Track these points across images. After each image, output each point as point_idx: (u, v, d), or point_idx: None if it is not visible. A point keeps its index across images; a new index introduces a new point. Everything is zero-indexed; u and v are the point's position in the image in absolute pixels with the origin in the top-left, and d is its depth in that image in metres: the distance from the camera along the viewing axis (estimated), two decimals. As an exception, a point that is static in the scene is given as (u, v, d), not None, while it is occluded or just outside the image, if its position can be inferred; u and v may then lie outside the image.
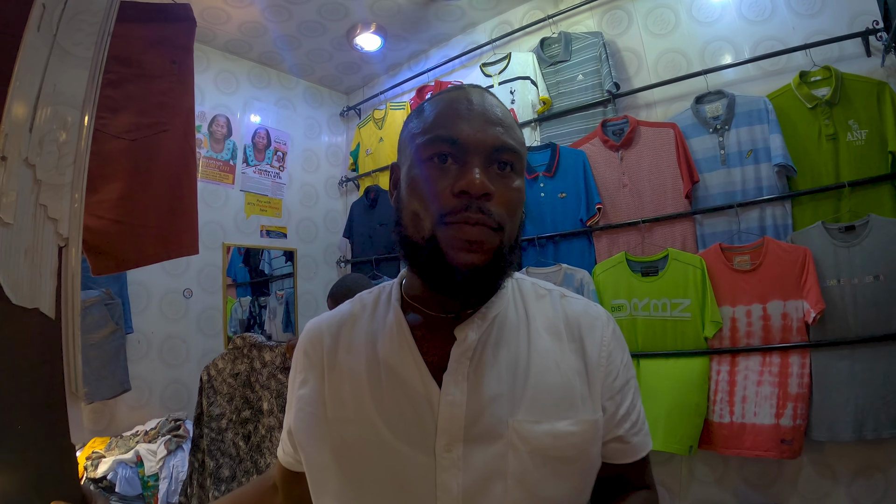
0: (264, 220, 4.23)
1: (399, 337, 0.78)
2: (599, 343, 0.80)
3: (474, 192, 0.67)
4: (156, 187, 1.50)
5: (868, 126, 2.32)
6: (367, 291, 0.92)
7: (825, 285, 2.29)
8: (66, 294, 0.93)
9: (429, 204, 0.70)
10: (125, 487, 2.71)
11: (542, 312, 0.83)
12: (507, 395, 0.73)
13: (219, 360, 2.39)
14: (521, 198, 0.74)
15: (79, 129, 0.99)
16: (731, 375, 2.47)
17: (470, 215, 0.68)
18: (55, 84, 0.97)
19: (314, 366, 0.84)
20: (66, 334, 0.93)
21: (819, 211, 2.43)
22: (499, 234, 0.70)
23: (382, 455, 0.72)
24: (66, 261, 0.94)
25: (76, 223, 0.96)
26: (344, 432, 0.76)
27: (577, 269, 2.86)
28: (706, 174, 2.68)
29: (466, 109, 0.73)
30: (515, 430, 0.71)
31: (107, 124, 1.33)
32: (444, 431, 0.70)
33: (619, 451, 0.80)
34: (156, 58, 1.50)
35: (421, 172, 0.72)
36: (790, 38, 2.58)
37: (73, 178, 0.97)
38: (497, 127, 0.72)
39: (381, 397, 0.75)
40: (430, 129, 0.73)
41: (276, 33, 3.82)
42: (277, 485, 0.98)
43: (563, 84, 3.19)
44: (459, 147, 0.70)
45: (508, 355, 0.76)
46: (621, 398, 0.79)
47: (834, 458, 2.36)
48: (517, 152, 0.73)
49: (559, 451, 0.71)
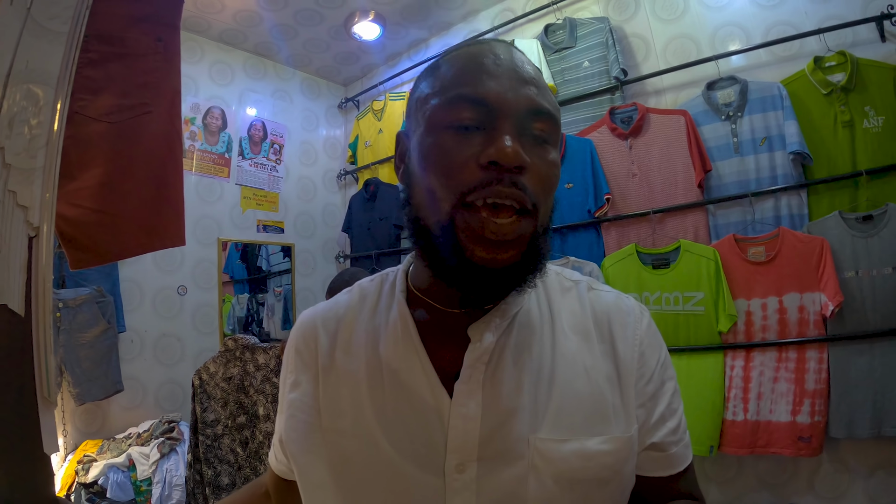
0: (261, 214, 4.18)
1: (404, 337, 0.68)
2: (632, 341, 0.70)
3: (507, 162, 0.55)
4: (138, 173, 1.41)
5: (885, 112, 2.25)
6: (369, 279, 0.81)
7: (843, 277, 2.23)
8: (36, 289, 0.86)
9: (448, 179, 0.59)
10: (117, 493, 2.65)
11: (568, 308, 0.72)
12: (528, 407, 0.63)
13: (210, 363, 2.33)
14: (557, 174, 0.63)
15: (52, 110, 0.93)
16: (746, 371, 2.41)
17: (501, 189, 0.56)
18: (28, 61, 0.90)
19: (307, 367, 0.74)
20: (37, 333, 0.86)
21: (836, 200, 2.37)
22: (532, 220, 0.59)
23: (385, 475, 0.63)
24: (37, 252, 0.87)
25: (48, 211, 0.90)
26: (341, 446, 0.66)
27: (586, 262, 2.79)
28: (719, 162, 2.61)
29: (494, 65, 0.61)
30: (538, 450, 0.61)
31: (86, 106, 1.24)
32: (456, 449, 0.61)
33: (654, 461, 0.68)
34: (140, 35, 1.41)
35: (438, 140, 0.60)
36: (803, 22, 2.51)
37: (46, 163, 0.90)
38: (531, 86, 0.60)
39: (383, 407, 0.66)
40: (451, 87, 0.61)
41: (272, 22, 3.74)
42: (270, 493, 0.89)
43: (569, 71, 3.11)
44: (487, 109, 0.59)
45: (530, 361, 0.66)
46: (654, 403, 0.68)
47: (851, 455, 2.32)
48: (553, 118, 0.62)
49: (589, 473, 0.61)
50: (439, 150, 0.60)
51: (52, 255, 0.91)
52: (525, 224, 0.58)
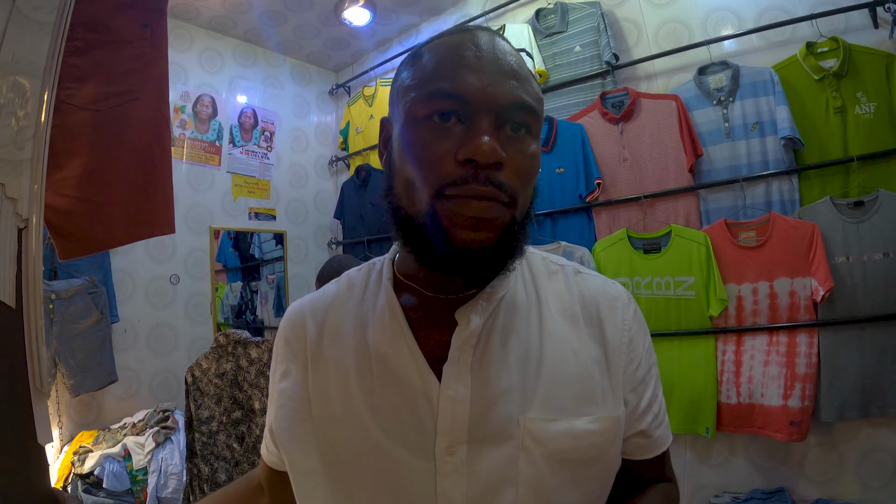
0: (252, 202, 4.16)
1: (392, 322, 0.69)
2: (620, 327, 0.71)
3: (483, 160, 0.56)
4: (126, 161, 1.40)
5: (877, 99, 2.26)
6: (356, 269, 0.82)
7: (834, 262, 2.25)
8: (27, 280, 0.86)
9: (427, 173, 0.59)
10: (113, 482, 2.66)
11: (555, 292, 0.73)
12: (517, 389, 0.64)
13: (202, 359, 2.33)
14: (536, 166, 0.64)
15: (39, 101, 0.92)
16: (738, 355, 2.43)
17: (477, 187, 0.57)
18: (14, 52, 0.90)
19: (297, 356, 0.75)
20: (28, 325, 0.86)
21: (827, 186, 2.38)
22: (510, 210, 0.60)
23: (375, 459, 0.64)
24: (27, 244, 0.87)
25: (37, 203, 0.90)
26: (331, 433, 0.67)
27: (577, 247, 2.81)
28: (710, 147, 2.62)
29: (474, 57, 0.60)
30: (528, 430, 0.62)
31: (72, 95, 1.23)
32: (446, 432, 0.62)
33: (642, 447, 0.72)
34: (126, 21, 1.39)
35: (417, 134, 0.61)
36: (795, 8, 2.50)
37: (34, 154, 0.90)
38: (511, 80, 0.60)
39: (372, 393, 0.66)
40: (430, 80, 0.61)
41: (262, 9, 3.71)
42: (263, 485, 0.89)
43: (560, 56, 3.10)
44: (465, 104, 0.59)
45: (518, 343, 0.67)
46: (644, 389, 0.71)
47: (842, 439, 2.34)
48: (534, 111, 0.62)
49: (578, 452, 0.63)
50: (418, 144, 0.60)
51: (42, 247, 0.91)
52: (501, 210, 0.59)
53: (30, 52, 0.92)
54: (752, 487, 2.50)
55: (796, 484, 2.43)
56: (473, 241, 0.58)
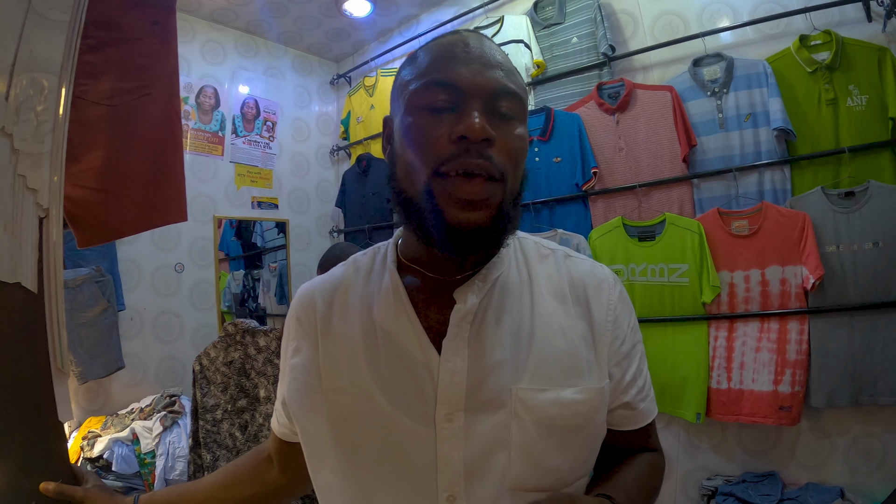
0: (255, 191, 4.20)
1: (395, 301, 0.75)
2: (606, 306, 0.77)
3: (474, 136, 0.62)
4: (139, 153, 1.46)
5: (869, 91, 2.30)
6: (362, 253, 0.88)
7: (824, 251, 2.30)
8: (48, 267, 0.92)
9: (424, 153, 0.65)
10: (122, 465, 2.71)
11: (545, 274, 0.79)
12: (510, 361, 0.70)
13: (210, 348, 2.35)
14: (524, 146, 0.69)
15: (57, 96, 0.96)
16: (729, 342, 2.49)
17: (469, 161, 0.63)
18: (31, 50, 0.93)
19: (307, 333, 0.81)
20: (49, 309, 0.91)
21: (818, 176, 2.42)
22: (501, 186, 0.65)
23: (380, 426, 0.70)
24: (48, 233, 0.92)
25: (57, 193, 0.94)
26: (340, 403, 0.73)
27: (574, 235, 2.86)
28: (704, 138, 2.66)
29: (464, 52, 0.68)
30: (519, 399, 0.68)
31: (86, 91, 1.28)
32: (445, 400, 0.68)
33: (627, 418, 0.78)
34: (136, 19, 1.44)
35: (416, 120, 0.67)
36: (790, 1, 2.53)
37: (53, 147, 0.94)
38: (497, 70, 0.67)
39: (377, 365, 0.72)
40: (425, 73, 0.68)
41: (263, 1, 3.73)
42: (272, 457, 0.95)
43: (558, 47, 3.13)
44: (457, 92, 0.65)
45: (511, 320, 0.73)
46: (628, 363, 0.77)
47: (831, 424, 2.39)
48: (519, 97, 0.69)
49: (565, 420, 0.69)
50: (417, 129, 0.66)
51: (62, 235, 0.96)
52: (494, 188, 0.64)
53: (46, 50, 0.95)
54: (743, 471, 2.55)
55: (787, 468, 2.49)
56: (466, 221, 0.63)
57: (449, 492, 0.66)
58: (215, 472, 0.99)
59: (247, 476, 0.97)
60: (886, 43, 2.29)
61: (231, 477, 0.97)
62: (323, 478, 0.75)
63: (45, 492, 0.85)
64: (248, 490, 0.95)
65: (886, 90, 2.24)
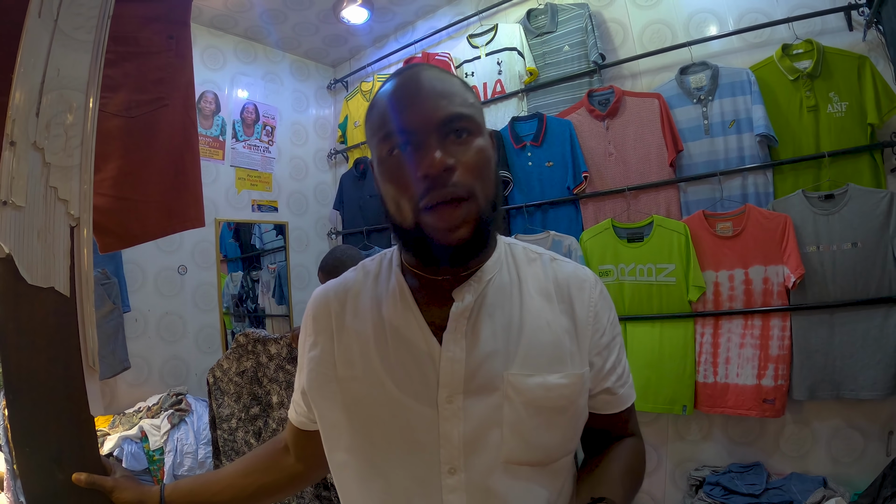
0: (255, 194, 4.25)
1: (402, 300, 0.84)
2: (587, 304, 0.86)
3: (434, 172, 0.70)
4: (158, 162, 1.52)
5: (848, 98, 2.37)
6: (370, 259, 0.97)
7: (805, 251, 2.37)
8: (79, 272, 0.96)
9: (402, 195, 0.74)
10: (131, 462, 2.77)
11: (533, 275, 0.88)
12: (502, 351, 0.79)
13: (223, 360, 2.40)
14: (485, 157, 0.77)
15: (84, 112, 1.01)
16: (715, 338, 2.57)
17: (438, 193, 0.71)
18: (59, 68, 0.99)
19: (324, 329, 0.89)
20: (80, 311, 0.96)
21: (799, 180, 2.50)
22: (473, 202, 0.73)
23: (390, 409, 0.79)
24: (78, 240, 0.97)
25: (86, 203, 0.99)
26: (353, 389, 0.82)
27: (565, 236, 2.94)
28: (690, 143, 2.74)
29: (407, 95, 0.76)
30: (510, 383, 0.77)
31: (107, 103, 1.32)
32: (446, 385, 0.77)
33: (608, 402, 0.87)
34: (153, 34, 1.50)
35: (387, 168, 0.76)
36: (774, 10, 2.60)
37: (81, 160, 0.99)
38: (441, 100, 0.74)
39: (387, 356, 0.81)
40: (382, 125, 0.76)
41: (262, 7, 3.79)
42: (289, 446, 1.04)
43: (550, 55, 3.21)
44: (410, 133, 0.73)
45: (503, 315, 0.82)
46: (608, 353, 0.86)
47: (814, 417, 2.47)
48: (467, 116, 0.76)
49: (550, 401, 0.77)
50: (390, 176, 0.76)
51: (92, 242, 1.02)
52: (467, 207, 0.73)
53: (73, 68, 1.00)
54: (730, 462, 2.63)
55: (771, 458, 2.57)
56: (452, 240, 0.73)
57: (450, 464, 0.75)
58: (236, 462, 1.07)
59: (265, 464, 1.05)
60: (866, 52, 2.37)
61: (251, 465, 1.05)
62: (338, 457, 0.84)
63: (78, 482, 0.90)
64: (266, 477, 1.03)
65: (865, 97, 2.31)
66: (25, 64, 0.96)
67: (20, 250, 0.90)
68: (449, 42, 3.90)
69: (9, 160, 0.92)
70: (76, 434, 0.95)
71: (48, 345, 0.92)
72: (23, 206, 0.91)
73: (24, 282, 0.90)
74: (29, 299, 0.91)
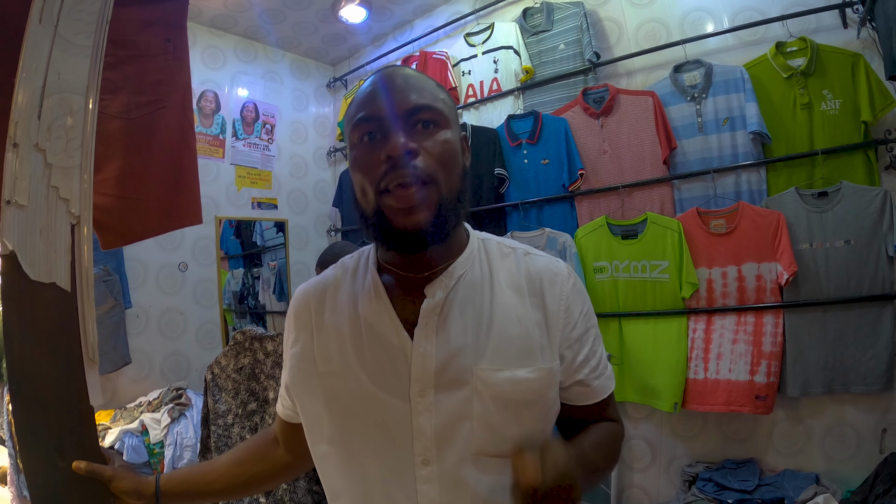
0: (255, 192, 4.28)
1: (376, 296, 0.87)
2: (559, 297, 0.87)
3: (396, 152, 0.74)
4: (157, 162, 1.56)
5: (842, 96, 2.38)
6: (349, 256, 1.00)
7: (798, 248, 2.39)
8: (79, 268, 0.99)
9: (367, 177, 0.78)
10: (132, 455, 2.81)
11: (505, 270, 0.90)
12: (471, 346, 0.81)
13: (221, 357, 2.42)
14: (450, 148, 0.80)
15: (84, 114, 1.04)
16: (707, 334, 2.58)
17: (399, 173, 0.75)
18: (59, 72, 1.02)
19: (304, 327, 0.93)
20: (81, 306, 0.99)
21: (793, 177, 2.51)
22: (434, 188, 0.77)
23: (366, 403, 0.82)
24: (79, 237, 1.00)
25: (86, 202, 1.02)
26: (332, 384, 0.85)
27: (560, 233, 2.97)
28: (684, 141, 2.76)
29: (381, 87, 0.80)
30: (479, 377, 0.79)
31: (107, 105, 1.35)
32: (417, 379, 0.80)
33: (582, 394, 0.89)
34: (151, 38, 1.53)
35: (356, 153, 0.81)
36: (768, 8, 2.61)
37: (82, 160, 1.02)
38: (410, 93, 0.79)
39: (362, 352, 0.84)
40: (355, 114, 0.81)
41: (261, 7, 3.82)
42: (278, 438, 1.08)
43: (546, 53, 3.23)
44: (379, 121, 0.78)
45: (473, 311, 0.84)
46: (579, 346, 0.87)
47: (808, 413, 2.48)
48: (434, 108, 0.80)
49: (518, 395, 0.80)
50: (358, 160, 0.80)
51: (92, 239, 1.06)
52: (426, 191, 0.76)
53: (73, 72, 1.02)
54: (723, 458, 2.65)
55: (765, 455, 2.59)
56: (409, 224, 0.76)
57: (423, 456, 0.79)
58: (228, 452, 1.11)
59: (256, 455, 1.09)
60: (860, 49, 2.37)
61: (242, 456, 1.09)
62: (320, 449, 0.88)
63: (78, 470, 0.92)
64: (258, 467, 1.08)
65: (859, 95, 2.32)
66: (27, 68, 0.99)
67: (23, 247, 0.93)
68: (446, 41, 3.91)
69: (12, 161, 0.95)
70: (77, 424, 0.98)
71: (50, 338, 0.95)
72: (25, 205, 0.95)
73: (27, 277, 0.93)
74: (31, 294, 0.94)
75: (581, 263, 2.87)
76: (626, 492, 2.98)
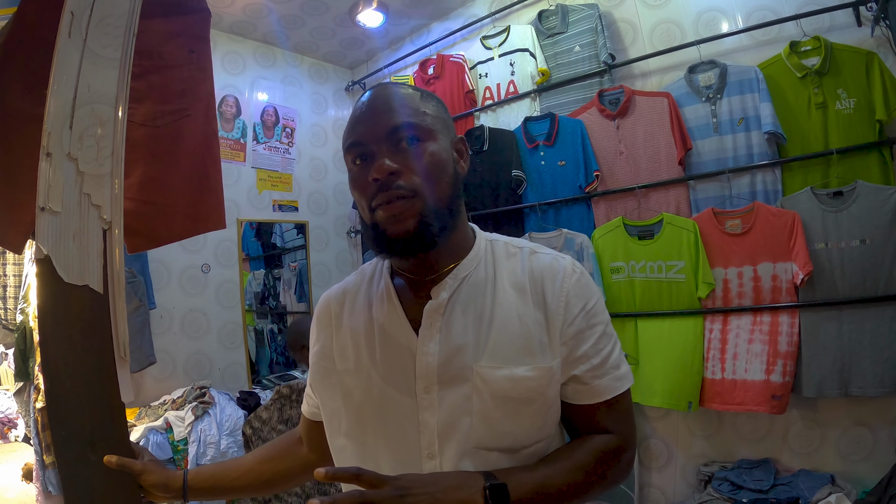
0: (276, 194, 4.33)
1: (388, 299, 0.93)
2: (558, 293, 0.89)
3: (381, 176, 0.81)
4: (182, 168, 1.61)
5: (856, 95, 2.36)
6: (368, 263, 1.06)
7: (813, 248, 2.38)
8: (111, 271, 1.03)
9: (362, 198, 0.86)
10: (156, 452, 2.86)
11: (509, 270, 0.93)
12: (472, 344, 0.85)
13: (262, 411, 2.45)
14: (435, 160, 0.86)
15: (114, 124, 1.08)
16: (724, 334, 2.59)
17: (385, 194, 0.82)
18: (89, 85, 1.06)
19: (325, 328, 1.00)
20: (112, 307, 1.03)
21: (808, 177, 2.50)
22: (418, 200, 0.82)
23: (377, 399, 0.87)
24: (110, 242, 1.04)
25: (117, 208, 1.06)
26: (348, 381, 0.91)
27: (577, 234, 2.99)
28: (699, 141, 2.76)
29: (363, 113, 0.88)
30: (479, 374, 0.83)
31: (133, 114, 1.39)
32: (422, 376, 0.84)
33: (578, 392, 0.88)
34: (175, 49, 1.58)
35: (351, 175, 0.89)
36: (782, 8, 2.60)
37: (112, 168, 1.06)
38: (391, 113, 0.85)
39: (374, 351, 0.90)
40: (345, 140, 0.89)
41: (280, 13, 3.87)
42: (303, 437, 1.14)
43: (561, 55, 3.25)
44: (364, 146, 0.85)
45: (475, 310, 0.88)
46: (576, 342, 0.87)
47: (823, 414, 2.48)
48: (415, 125, 0.85)
49: (517, 392, 0.83)
50: (354, 183, 0.88)
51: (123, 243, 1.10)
52: (409, 203, 0.82)
53: (102, 84, 1.07)
54: (739, 457, 2.65)
55: (781, 455, 2.59)
56: (397, 232, 0.82)
57: (428, 450, 0.83)
58: (253, 451, 1.18)
59: (281, 453, 1.16)
60: (875, 47, 2.36)
61: (268, 454, 1.16)
62: (338, 443, 0.93)
63: (109, 464, 0.97)
64: (281, 464, 1.14)
65: (874, 93, 2.31)
66: (58, 81, 1.03)
67: (57, 251, 0.98)
68: (463, 44, 3.94)
69: (46, 170, 0.99)
70: (108, 419, 1.02)
71: (83, 337, 1.00)
72: (59, 212, 0.99)
73: (61, 280, 0.97)
74: (65, 296, 0.98)
75: (598, 264, 2.89)
76: (644, 490, 3.00)
